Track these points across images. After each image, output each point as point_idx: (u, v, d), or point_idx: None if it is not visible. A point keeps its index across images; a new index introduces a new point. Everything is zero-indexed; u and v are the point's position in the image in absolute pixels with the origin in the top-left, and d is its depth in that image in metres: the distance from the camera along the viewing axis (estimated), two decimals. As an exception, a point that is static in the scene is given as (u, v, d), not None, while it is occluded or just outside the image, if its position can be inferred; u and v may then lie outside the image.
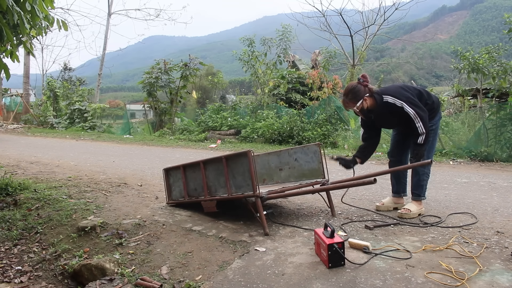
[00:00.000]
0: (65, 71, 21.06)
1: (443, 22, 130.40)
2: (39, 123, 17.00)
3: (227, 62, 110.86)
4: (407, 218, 3.04)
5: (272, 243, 2.66)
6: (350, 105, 3.08)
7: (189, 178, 3.39)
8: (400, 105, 2.93)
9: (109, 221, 3.16)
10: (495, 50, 8.27)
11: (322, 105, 10.68)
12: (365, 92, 3.02)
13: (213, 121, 12.25)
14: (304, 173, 3.46)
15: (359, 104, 3.02)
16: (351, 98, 3.05)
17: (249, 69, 12.89)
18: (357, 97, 3.01)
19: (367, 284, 2.02)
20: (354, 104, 3.04)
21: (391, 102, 2.97)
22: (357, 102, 3.02)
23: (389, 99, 2.98)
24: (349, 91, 3.06)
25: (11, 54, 3.51)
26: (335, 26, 15.43)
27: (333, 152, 8.04)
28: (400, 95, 2.97)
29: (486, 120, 7.22)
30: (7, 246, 3.11)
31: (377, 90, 3.11)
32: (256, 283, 2.12)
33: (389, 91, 3.04)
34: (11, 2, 2.78)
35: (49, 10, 3.53)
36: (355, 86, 3.04)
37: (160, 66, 13.42)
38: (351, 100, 3.05)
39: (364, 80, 3.06)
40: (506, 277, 2.05)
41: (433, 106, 3.11)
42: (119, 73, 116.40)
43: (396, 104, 2.95)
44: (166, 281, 2.29)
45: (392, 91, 3.04)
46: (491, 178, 4.92)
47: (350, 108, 3.12)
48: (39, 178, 4.82)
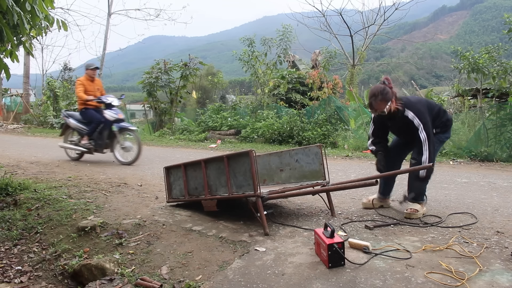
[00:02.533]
0: (65, 71, 21.04)
1: (443, 22, 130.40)
2: (39, 123, 17.00)
3: (227, 62, 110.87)
4: (415, 218, 3.04)
5: (272, 243, 2.66)
6: (381, 105, 3.02)
7: (190, 177, 3.39)
8: (416, 125, 2.98)
9: (109, 221, 3.16)
10: (495, 50, 8.28)
11: (322, 105, 10.68)
12: (392, 94, 3.04)
13: (213, 121, 12.25)
14: (305, 174, 3.46)
15: (388, 105, 3.01)
16: (381, 99, 3.01)
17: (249, 69, 12.89)
18: (387, 98, 3.01)
19: (367, 284, 2.02)
20: (385, 105, 3.00)
21: (410, 119, 3.02)
22: (387, 103, 3.01)
23: (409, 114, 3.02)
24: (379, 93, 3.02)
25: (11, 54, 3.51)
26: (335, 26, 15.46)
27: (333, 152, 8.04)
28: (421, 115, 3.01)
29: (486, 120, 7.22)
30: (7, 246, 3.11)
31: (402, 99, 3.12)
32: (256, 283, 2.12)
33: (413, 108, 3.05)
34: (11, 2, 2.78)
35: (49, 10, 3.53)
36: (384, 87, 3.04)
37: (160, 66, 13.41)
38: (381, 101, 3.01)
39: (389, 83, 3.09)
40: (506, 277, 2.05)
41: (447, 123, 3.24)
42: (119, 73, 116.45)
43: (414, 122, 3.00)
44: (166, 281, 2.29)
45: (416, 108, 3.05)
46: (491, 178, 4.92)
47: (380, 109, 3.04)
48: (39, 178, 4.82)
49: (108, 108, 6.42)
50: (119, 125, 6.36)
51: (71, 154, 6.93)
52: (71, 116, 6.79)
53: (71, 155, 6.92)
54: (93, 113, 6.45)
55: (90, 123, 6.45)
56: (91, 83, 6.68)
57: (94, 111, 6.48)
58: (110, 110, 6.38)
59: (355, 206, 3.57)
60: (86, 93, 6.46)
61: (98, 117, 6.38)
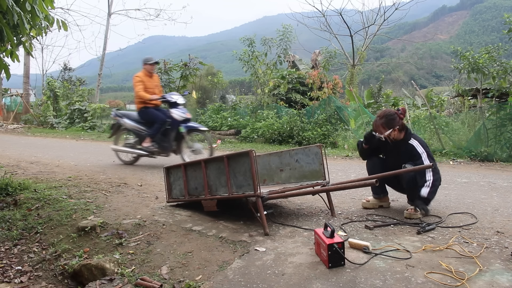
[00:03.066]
0: (65, 71, 21.02)
1: (443, 22, 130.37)
2: (39, 123, 16.99)
3: (227, 62, 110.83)
4: (415, 218, 3.04)
5: (272, 243, 2.66)
6: (380, 129, 3.21)
7: (190, 177, 3.39)
8: (420, 152, 3.10)
9: (109, 221, 3.16)
10: (495, 50, 8.28)
11: (322, 105, 10.69)
12: (398, 123, 3.18)
13: (213, 121, 12.25)
14: (305, 174, 3.46)
15: (388, 132, 3.17)
16: (383, 123, 3.19)
17: (249, 69, 12.89)
18: (390, 125, 3.17)
19: (367, 284, 2.02)
20: (385, 130, 3.19)
21: (414, 146, 3.15)
22: (388, 130, 3.17)
23: (414, 143, 3.17)
24: (385, 116, 3.21)
25: (11, 54, 3.51)
26: (335, 26, 15.47)
27: (333, 152, 8.04)
28: (425, 146, 3.17)
29: (486, 120, 7.22)
30: (7, 246, 3.11)
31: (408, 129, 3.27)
32: (256, 283, 2.12)
33: (418, 139, 3.24)
34: (11, 2, 2.78)
35: (49, 10, 3.52)
36: (393, 114, 3.20)
37: (160, 66, 13.42)
38: (382, 124, 3.19)
39: (402, 113, 3.23)
40: (506, 277, 2.05)
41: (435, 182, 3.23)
42: (119, 73, 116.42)
43: (418, 149, 3.11)
44: (166, 281, 2.29)
45: (421, 140, 3.23)
46: (491, 178, 4.92)
47: (379, 132, 3.22)
48: (39, 178, 4.82)
49: (173, 107, 5.75)
50: (187, 125, 5.74)
51: (125, 157, 6.33)
52: (125, 115, 6.15)
53: (125, 158, 6.32)
54: (156, 113, 5.80)
55: (152, 124, 5.79)
56: (150, 80, 6.03)
57: (155, 110, 5.86)
58: (177, 109, 5.72)
59: (355, 206, 3.57)
60: (146, 91, 5.84)
61: (162, 117, 5.75)
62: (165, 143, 5.75)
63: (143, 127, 5.89)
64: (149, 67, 6.05)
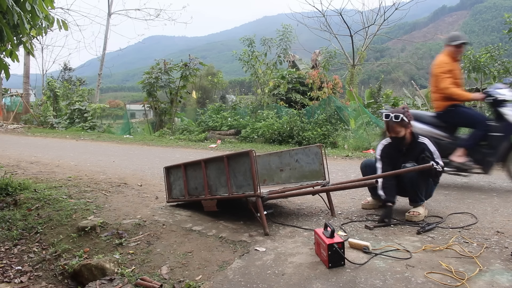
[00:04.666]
0: (65, 71, 21.07)
1: (443, 22, 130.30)
2: (39, 123, 16.99)
3: (227, 62, 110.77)
4: (417, 221, 3.03)
5: (272, 243, 2.66)
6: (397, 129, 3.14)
7: (190, 177, 3.39)
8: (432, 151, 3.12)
9: (109, 221, 3.16)
10: (495, 50, 8.28)
11: (322, 105, 10.69)
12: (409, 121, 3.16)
13: (213, 121, 12.25)
14: (305, 174, 3.46)
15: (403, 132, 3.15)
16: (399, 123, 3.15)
17: (249, 69, 12.89)
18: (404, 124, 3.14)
19: (367, 284, 2.02)
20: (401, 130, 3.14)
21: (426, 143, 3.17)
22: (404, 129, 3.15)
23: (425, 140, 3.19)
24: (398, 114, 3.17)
25: (11, 53, 3.51)
26: (335, 26, 15.45)
27: (333, 152, 8.04)
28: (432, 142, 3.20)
29: (486, 120, 7.20)
30: (7, 246, 3.11)
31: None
32: (256, 283, 2.12)
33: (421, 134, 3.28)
34: (11, 2, 2.78)
35: (49, 10, 3.53)
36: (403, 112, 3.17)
37: (160, 66, 13.42)
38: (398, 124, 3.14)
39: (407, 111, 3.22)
40: (506, 277, 2.05)
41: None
42: (119, 73, 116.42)
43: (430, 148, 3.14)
44: (166, 281, 2.29)
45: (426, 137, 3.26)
46: (491, 178, 4.91)
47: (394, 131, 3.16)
48: (39, 178, 4.82)
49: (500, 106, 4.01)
50: None
51: None
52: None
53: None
54: (474, 115, 4.22)
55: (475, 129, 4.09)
56: (457, 68, 4.33)
57: (470, 110, 4.38)
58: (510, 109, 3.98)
59: (355, 206, 3.57)
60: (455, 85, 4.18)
61: (484, 121, 4.08)
62: (491, 157, 4.05)
63: (444, 134, 4.23)
64: (455, 50, 4.23)
